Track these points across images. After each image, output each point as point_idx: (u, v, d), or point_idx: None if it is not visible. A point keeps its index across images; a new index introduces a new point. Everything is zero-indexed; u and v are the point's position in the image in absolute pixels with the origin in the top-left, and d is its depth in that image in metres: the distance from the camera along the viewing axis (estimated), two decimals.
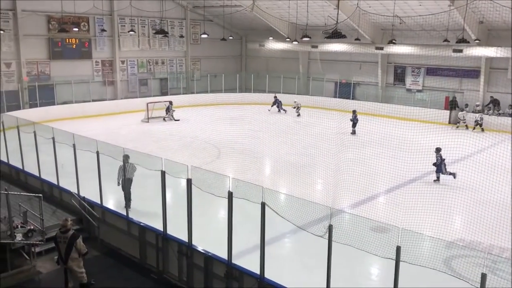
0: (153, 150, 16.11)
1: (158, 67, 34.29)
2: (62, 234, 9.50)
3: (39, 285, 10.38)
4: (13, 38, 26.76)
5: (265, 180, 15.40)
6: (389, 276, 6.77)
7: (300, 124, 25.84)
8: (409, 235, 6.52)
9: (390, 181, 15.76)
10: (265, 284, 8.42)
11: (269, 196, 8.25)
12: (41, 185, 14.66)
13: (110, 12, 30.82)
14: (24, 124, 15.72)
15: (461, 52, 25.99)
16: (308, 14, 27.38)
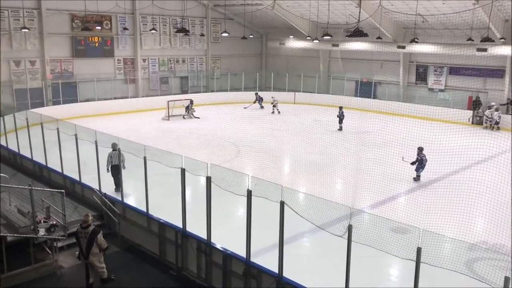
0: (173, 148, 16.25)
1: (178, 66, 34.53)
2: (83, 230, 9.66)
3: (61, 279, 10.56)
4: (38, 36, 27.26)
5: (284, 179, 15.37)
6: (409, 277, 6.69)
7: (320, 123, 25.72)
8: (430, 237, 6.44)
9: (411, 181, 15.58)
10: (283, 283, 8.41)
11: (288, 195, 8.24)
12: (64, 181, 14.91)
13: (132, 11, 31.15)
14: (47, 121, 15.99)
15: (485, 51, 25.51)
16: (329, 13, 27.21)
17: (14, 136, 17.62)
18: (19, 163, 17.65)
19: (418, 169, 15.90)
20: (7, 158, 18.44)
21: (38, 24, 27.16)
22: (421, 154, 15.87)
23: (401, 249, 6.66)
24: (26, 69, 27.13)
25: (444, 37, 27.86)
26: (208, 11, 35.23)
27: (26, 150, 16.82)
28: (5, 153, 18.67)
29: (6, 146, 18.41)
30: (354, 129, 22.04)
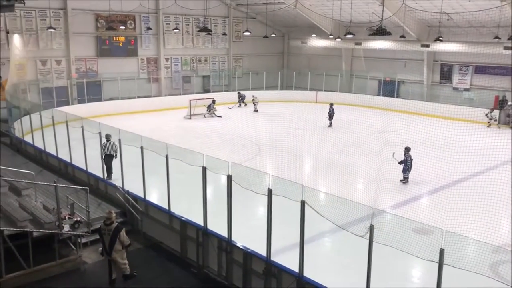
0: (194, 146, 16.36)
1: (201, 65, 34.74)
2: (106, 227, 9.82)
3: (85, 275, 10.75)
4: (64, 36, 27.76)
5: (305, 178, 15.33)
6: (432, 278, 6.61)
7: (342, 122, 25.55)
8: (453, 238, 6.35)
9: (434, 181, 15.34)
10: (303, 283, 8.40)
11: (309, 195, 8.22)
12: (88, 178, 15.17)
13: (156, 11, 31.46)
14: (72, 119, 16.29)
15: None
16: (352, 11, 27.00)
17: (40, 134, 18.01)
18: (45, 160, 18.03)
19: (405, 171, 15.35)
20: (33, 156, 18.85)
21: (64, 24, 27.66)
22: (407, 155, 15.37)
23: (424, 250, 6.58)
24: (52, 68, 27.68)
25: (470, 35, 27.34)
26: (230, 10, 35.34)
27: (52, 147, 17.17)
28: (32, 150, 19.09)
29: (33, 144, 18.82)
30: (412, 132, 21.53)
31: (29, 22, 26.39)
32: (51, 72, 27.63)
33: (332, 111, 25.26)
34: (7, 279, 9.93)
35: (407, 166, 15.27)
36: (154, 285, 10.15)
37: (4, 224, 10.38)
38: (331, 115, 25.22)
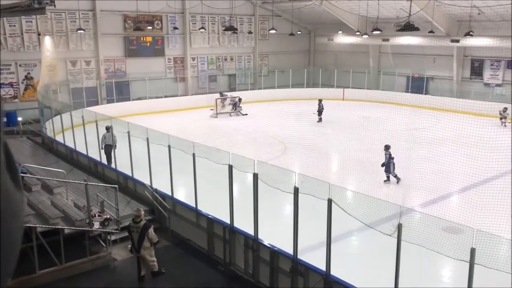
0: (221, 145, 16.44)
1: (227, 64, 34.88)
2: (135, 224, 9.97)
3: (114, 271, 10.95)
4: (93, 37, 28.31)
5: (331, 176, 15.21)
6: (462, 278, 6.48)
7: (369, 120, 25.26)
8: (484, 237, 6.21)
9: (464, 180, 15.00)
10: (330, 281, 8.35)
11: (336, 193, 8.16)
12: (117, 177, 15.42)
13: (182, 10, 31.73)
14: (101, 119, 16.59)
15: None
16: (379, 7, 26.64)
17: (71, 133, 18.41)
18: (75, 159, 18.42)
19: (387, 170, 15.18)
20: (64, 155, 19.29)
21: (93, 25, 28.19)
22: (386, 152, 15.31)
23: (454, 250, 6.46)
24: (82, 69, 28.26)
25: (502, 29, 26.61)
26: (256, 9, 35.36)
27: (82, 146, 17.53)
28: (63, 149, 19.53)
29: (64, 143, 19.25)
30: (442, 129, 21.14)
31: (59, 24, 27.00)
32: (81, 72, 28.21)
33: (322, 107, 25.79)
34: (40, 275, 10.20)
35: (388, 165, 15.24)
36: (181, 282, 10.26)
37: (37, 222, 10.67)
38: (321, 111, 25.79)
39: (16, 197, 0.46)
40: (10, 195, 0.44)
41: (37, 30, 26.13)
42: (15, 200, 0.46)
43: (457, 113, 24.52)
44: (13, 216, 0.44)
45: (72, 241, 10.91)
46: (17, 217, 0.45)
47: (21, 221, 0.46)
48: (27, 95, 26.28)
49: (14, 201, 0.45)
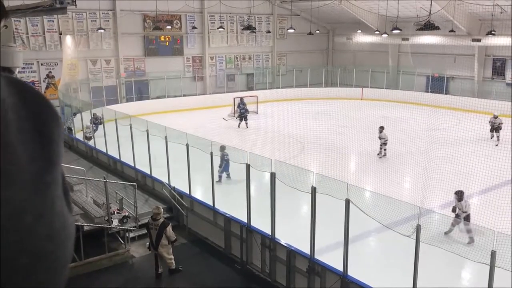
0: (238, 144, 16.48)
1: (245, 63, 34.91)
2: (154, 221, 10.07)
3: (132, 268, 11.07)
4: (112, 36, 28.62)
5: (349, 176, 15.13)
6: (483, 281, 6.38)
7: (388, 119, 25.03)
8: (505, 240, 6.10)
9: (485, 181, 14.76)
10: (348, 282, 8.31)
11: (353, 193, 8.12)
12: (136, 175, 15.58)
13: (201, 10, 31.87)
14: (121, 117, 16.78)
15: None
16: (399, 6, 26.36)
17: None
18: (95, 157, 18.66)
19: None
20: (84, 152, 19.56)
21: (113, 25, 28.51)
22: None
23: (474, 252, 6.37)
24: (102, 68, 28.61)
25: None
26: (274, 8, 35.32)
27: (102, 144, 17.75)
28: (83, 147, 19.81)
29: (84, 141, 19.52)
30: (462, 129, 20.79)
31: (80, 23, 27.37)
32: (101, 71, 28.55)
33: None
34: None
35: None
36: (198, 280, 10.32)
37: None
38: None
39: (70, 220, 0.49)
40: (66, 219, 0.47)
41: (58, 30, 26.51)
42: (70, 223, 0.48)
43: (478, 113, 24.15)
44: (69, 238, 0.47)
45: (91, 238, 11.05)
46: (72, 239, 0.47)
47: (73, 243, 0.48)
48: (49, 93, 26.69)
49: (69, 223, 0.48)
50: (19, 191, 0.41)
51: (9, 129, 0.41)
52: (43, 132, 0.45)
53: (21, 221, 0.41)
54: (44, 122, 0.46)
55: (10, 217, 0.40)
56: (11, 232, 0.40)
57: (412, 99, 28.60)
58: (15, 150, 0.41)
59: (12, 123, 0.42)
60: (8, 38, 10.01)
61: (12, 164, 0.41)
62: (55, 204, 0.45)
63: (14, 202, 0.40)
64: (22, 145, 0.42)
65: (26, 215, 0.41)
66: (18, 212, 0.41)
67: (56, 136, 0.47)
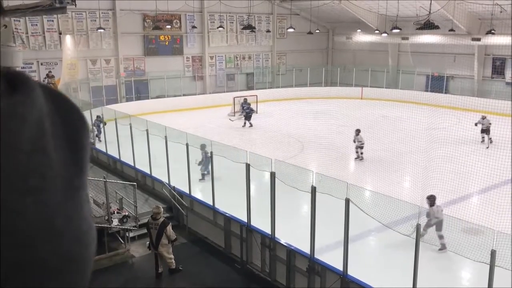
0: (238, 143, 16.50)
1: (244, 62, 34.91)
2: (154, 221, 10.07)
3: (132, 267, 11.08)
4: (112, 36, 28.61)
5: (349, 176, 15.14)
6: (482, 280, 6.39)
7: (388, 119, 25.05)
8: (505, 239, 6.11)
9: (485, 180, 14.78)
10: (348, 281, 8.32)
11: (353, 192, 8.13)
12: (136, 174, 15.59)
13: (201, 9, 31.86)
14: (121, 117, 16.78)
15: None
16: (399, 5, 26.36)
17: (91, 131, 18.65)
18: (95, 156, 18.66)
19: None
20: None
21: (113, 25, 28.49)
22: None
23: (474, 251, 6.37)
24: (102, 68, 28.60)
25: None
26: (274, 7, 35.31)
27: (102, 144, 17.75)
28: None
29: None
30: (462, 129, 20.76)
31: (80, 23, 27.36)
32: (100, 71, 28.55)
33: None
34: None
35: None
36: (198, 279, 10.33)
37: None
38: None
39: (93, 223, 0.51)
40: (91, 222, 0.49)
41: (58, 29, 26.50)
42: (93, 226, 0.50)
43: (477, 112, 24.16)
44: (93, 241, 0.49)
45: None
46: (95, 242, 0.50)
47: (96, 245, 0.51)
48: None
49: (93, 227, 0.50)
50: (53, 195, 0.43)
51: (46, 135, 0.43)
52: (74, 138, 0.48)
53: (53, 223, 0.43)
54: (75, 129, 0.48)
55: (44, 220, 0.42)
56: (44, 234, 0.42)
57: (412, 99, 28.61)
58: (51, 155, 0.44)
59: (48, 129, 0.44)
60: (8, 38, 10.02)
61: (49, 168, 0.43)
62: (83, 208, 0.48)
63: (49, 205, 0.43)
64: (56, 151, 0.44)
65: (58, 218, 0.43)
66: (52, 215, 0.43)
67: (86, 143, 0.50)
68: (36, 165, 0.42)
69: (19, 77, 0.44)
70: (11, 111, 0.41)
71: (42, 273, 0.42)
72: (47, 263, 0.42)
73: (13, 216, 0.40)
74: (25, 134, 0.41)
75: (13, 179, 0.40)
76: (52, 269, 0.43)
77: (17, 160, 0.40)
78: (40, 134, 0.43)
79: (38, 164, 0.42)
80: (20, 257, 0.40)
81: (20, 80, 0.44)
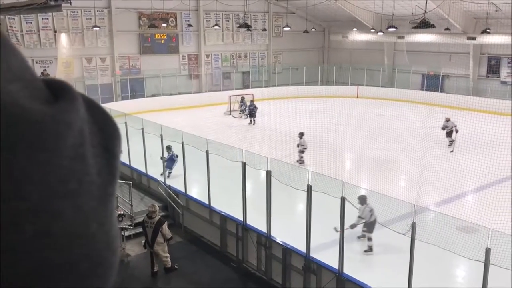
0: (234, 142, 16.48)
1: (241, 61, 34.88)
2: (150, 219, 10.07)
3: (128, 266, 11.05)
4: (108, 34, 28.51)
5: (345, 174, 15.16)
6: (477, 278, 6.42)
7: (384, 118, 25.10)
8: (500, 237, 6.14)
9: (480, 179, 14.84)
10: (343, 280, 8.34)
11: (349, 191, 8.14)
12: (131, 173, 15.55)
13: (196, 8, 31.79)
14: (116, 115, 16.69)
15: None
16: (394, 4, 26.40)
17: None
18: None
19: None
20: None
21: (108, 23, 28.39)
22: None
23: (469, 249, 6.40)
24: (97, 66, 28.50)
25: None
26: (270, 6, 35.29)
27: None
28: None
29: None
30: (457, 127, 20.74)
31: (75, 21, 27.25)
32: (96, 69, 28.45)
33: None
34: None
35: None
36: (194, 278, 10.32)
37: None
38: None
39: (118, 230, 0.53)
40: (118, 228, 0.51)
41: (53, 27, 26.40)
42: (119, 232, 0.52)
43: (473, 111, 24.24)
44: (119, 247, 0.52)
45: None
46: (120, 248, 0.55)
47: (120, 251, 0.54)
48: None
49: (119, 233, 0.54)
50: (89, 200, 0.45)
51: (86, 143, 0.45)
52: (108, 147, 0.49)
53: (88, 228, 0.45)
54: (110, 138, 0.50)
55: (80, 224, 0.44)
56: (78, 237, 0.44)
57: (407, 97, 28.66)
58: (89, 162, 0.45)
59: (88, 137, 0.46)
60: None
61: (86, 174, 0.45)
62: (113, 214, 0.49)
63: (84, 210, 0.44)
64: (93, 159, 0.46)
65: (93, 223, 0.45)
66: (86, 219, 0.45)
67: (118, 152, 0.51)
68: (75, 170, 0.44)
69: (63, 86, 0.46)
70: (59, 117, 0.43)
71: (71, 276, 0.43)
72: (77, 266, 0.44)
73: (50, 218, 0.42)
74: (69, 140, 0.43)
75: (54, 183, 0.42)
76: (81, 273, 0.44)
77: (60, 165, 0.42)
78: (81, 141, 0.45)
79: (77, 170, 0.44)
80: (52, 258, 0.42)
81: (63, 89, 0.46)
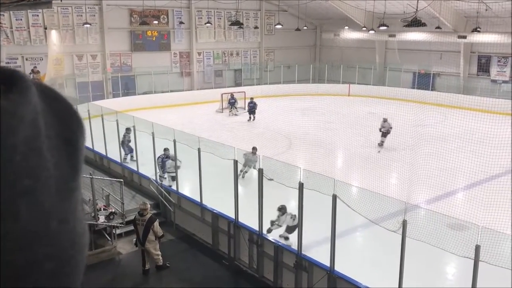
0: (226, 140, 16.47)
1: (232, 58, 34.82)
2: (141, 217, 10.04)
3: (119, 264, 11.02)
4: (99, 31, 28.32)
5: (337, 172, 15.21)
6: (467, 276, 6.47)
7: (375, 116, 25.19)
8: (490, 234, 6.19)
9: (470, 177, 14.95)
10: (334, 277, 8.37)
11: (340, 189, 8.17)
12: (122, 171, 15.49)
13: (188, 5, 31.68)
14: (107, 113, 16.64)
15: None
16: (386, 2, 26.49)
17: None
18: None
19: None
20: None
21: (99, 20, 28.20)
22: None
23: (459, 247, 6.45)
24: (88, 63, 28.31)
25: (509, 26, 26.40)
26: (262, 4, 35.25)
27: (88, 140, 17.58)
28: None
29: None
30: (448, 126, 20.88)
31: (65, 18, 27.03)
32: (87, 66, 28.26)
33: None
34: None
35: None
36: (186, 276, 10.31)
37: None
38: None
39: (86, 226, 0.51)
40: (85, 225, 0.49)
41: (43, 24, 26.18)
42: (87, 229, 0.51)
43: (463, 109, 24.40)
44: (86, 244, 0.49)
45: None
46: (88, 245, 0.50)
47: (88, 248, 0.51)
48: None
49: (86, 229, 0.50)
50: (48, 196, 0.42)
51: (41, 135, 0.43)
52: (70, 140, 0.47)
53: (48, 226, 0.42)
54: (71, 130, 0.47)
55: (39, 222, 0.41)
56: (39, 236, 0.41)
57: (398, 96, 28.74)
58: (46, 156, 0.43)
59: (43, 129, 0.43)
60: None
61: (43, 169, 0.42)
62: (77, 210, 0.47)
63: (43, 207, 0.42)
64: (51, 152, 0.44)
65: (53, 220, 0.43)
66: (46, 217, 0.42)
67: (81, 145, 0.49)
68: (30, 166, 0.41)
69: (14, 75, 0.43)
70: (8, 111, 0.40)
71: (36, 276, 0.41)
72: (42, 266, 0.42)
73: (6, 218, 0.39)
74: (21, 134, 0.41)
75: (7, 180, 0.39)
76: (47, 273, 0.42)
77: (12, 160, 0.40)
78: (35, 134, 0.42)
79: (33, 164, 0.41)
80: (15, 260, 0.40)
81: (15, 79, 0.43)
